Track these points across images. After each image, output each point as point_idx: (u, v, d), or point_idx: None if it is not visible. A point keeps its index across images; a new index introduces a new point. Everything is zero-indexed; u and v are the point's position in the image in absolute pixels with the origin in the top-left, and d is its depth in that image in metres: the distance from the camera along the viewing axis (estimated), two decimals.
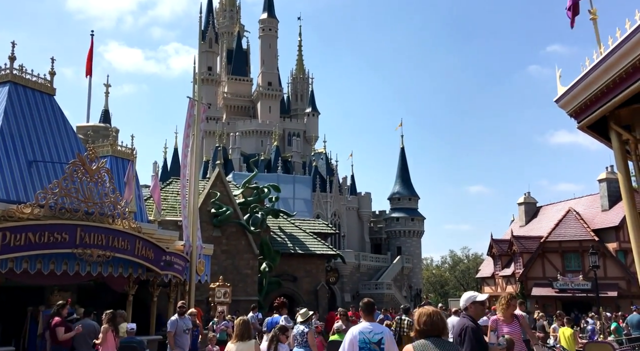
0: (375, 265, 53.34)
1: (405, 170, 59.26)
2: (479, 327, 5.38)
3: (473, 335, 5.12)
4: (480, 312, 5.59)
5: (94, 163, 12.18)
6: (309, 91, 75.42)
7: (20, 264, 10.43)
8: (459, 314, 6.25)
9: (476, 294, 5.59)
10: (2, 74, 13.50)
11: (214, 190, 26.02)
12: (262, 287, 28.14)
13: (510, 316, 7.46)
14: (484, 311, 5.85)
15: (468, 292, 5.71)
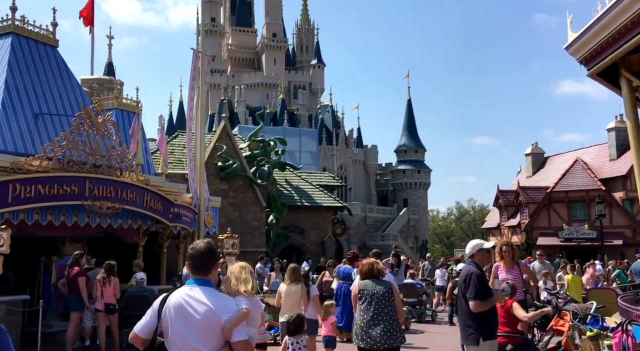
0: (381, 217, 53.84)
1: (412, 123, 58.89)
2: (484, 273, 5.49)
3: (477, 281, 5.22)
4: (486, 259, 5.70)
5: (99, 116, 12.16)
6: (315, 42, 74.12)
7: (32, 216, 10.60)
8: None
9: (482, 242, 5.67)
10: (4, 25, 13.28)
11: (220, 143, 26.05)
12: (269, 239, 28.59)
13: (511, 263, 7.85)
14: (490, 259, 5.99)
15: (474, 240, 5.78)
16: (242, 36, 74.29)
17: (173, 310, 3.20)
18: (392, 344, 5.61)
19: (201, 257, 3.29)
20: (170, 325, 3.19)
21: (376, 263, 6.05)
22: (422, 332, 13.01)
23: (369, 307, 5.70)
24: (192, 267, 3.31)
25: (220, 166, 25.71)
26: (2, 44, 13.05)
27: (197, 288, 3.23)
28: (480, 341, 5.14)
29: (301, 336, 6.23)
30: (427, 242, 58.62)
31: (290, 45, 76.27)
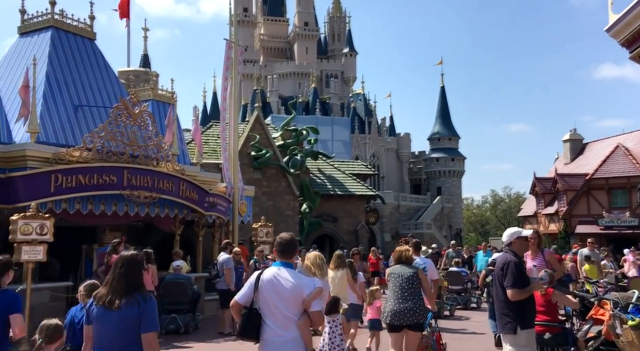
0: (414, 206, 53.48)
1: (445, 110, 58.07)
2: (522, 262, 5.40)
3: (515, 269, 5.13)
4: (524, 247, 5.60)
5: (136, 107, 12.40)
6: (346, 30, 73.64)
7: (73, 205, 10.92)
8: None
9: (520, 230, 5.57)
10: (44, 19, 13.62)
11: (253, 133, 26.24)
12: (302, 227, 28.75)
13: (536, 250, 8.05)
14: (528, 247, 5.96)
15: (511, 228, 5.68)
16: (274, 26, 74.36)
17: (266, 283, 4.11)
18: (414, 321, 6.29)
19: (286, 245, 4.23)
20: (263, 295, 4.10)
21: (406, 250, 6.78)
22: (467, 319, 13.08)
23: (395, 288, 6.43)
24: (279, 253, 4.24)
25: (254, 155, 25.91)
26: (43, 38, 13.40)
27: (283, 269, 4.15)
28: (517, 330, 5.07)
29: (336, 315, 6.74)
30: (462, 231, 57.98)
31: (322, 34, 75.99)
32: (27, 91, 10.86)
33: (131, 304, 3.61)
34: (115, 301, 3.61)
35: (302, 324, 4.06)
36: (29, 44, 13.52)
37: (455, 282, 14.62)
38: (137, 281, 3.77)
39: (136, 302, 3.63)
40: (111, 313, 3.60)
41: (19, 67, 12.79)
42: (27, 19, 13.93)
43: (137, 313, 3.60)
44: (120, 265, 3.77)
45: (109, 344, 3.63)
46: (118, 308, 3.59)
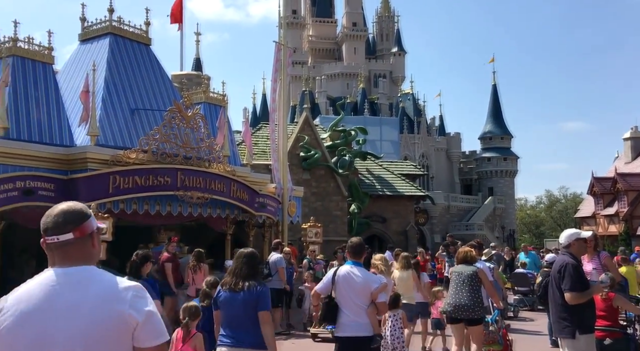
0: (465, 206, 52.48)
1: (498, 108, 56.71)
2: (580, 264, 5.21)
3: (574, 272, 4.95)
4: (583, 250, 5.42)
5: (189, 109, 12.72)
6: (395, 30, 73.07)
7: (130, 205, 11.30)
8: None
9: (579, 231, 5.38)
10: (103, 26, 14.15)
11: (302, 134, 26.40)
12: (351, 228, 28.69)
13: (593, 253, 7.96)
14: (587, 249, 5.79)
15: (570, 229, 5.49)
16: (322, 27, 74.62)
17: (342, 278, 5.08)
18: (469, 316, 6.74)
19: (356, 247, 5.24)
20: (340, 288, 5.06)
21: (470, 251, 7.30)
22: (531, 320, 12.94)
23: (455, 285, 6.91)
24: (351, 254, 5.26)
25: (303, 156, 26.07)
26: (102, 44, 13.93)
27: (354, 267, 5.14)
28: (576, 334, 4.90)
29: (397, 310, 7.35)
30: (515, 232, 56.44)
31: (371, 34, 75.70)
32: (88, 96, 11.33)
33: (251, 288, 4.43)
34: (239, 284, 4.45)
35: (371, 312, 4.97)
36: (89, 51, 14.09)
37: (521, 284, 14.52)
38: (255, 271, 4.62)
39: (254, 287, 4.44)
40: (236, 295, 4.44)
41: (79, 73, 13.35)
42: (87, 26, 14.51)
43: (255, 296, 4.41)
44: (242, 257, 4.62)
45: (235, 322, 4.45)
46: (242, 289, 4.42)
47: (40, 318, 1.86)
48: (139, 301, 1.93)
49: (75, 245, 1.98)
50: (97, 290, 1.91)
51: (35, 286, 1.93)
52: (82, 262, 1.98)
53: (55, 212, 2.00)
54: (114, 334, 1.87)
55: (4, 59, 11.24)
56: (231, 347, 4.43)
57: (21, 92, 11.44)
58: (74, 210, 2.01)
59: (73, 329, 1.84)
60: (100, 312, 1.87)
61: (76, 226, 1.98)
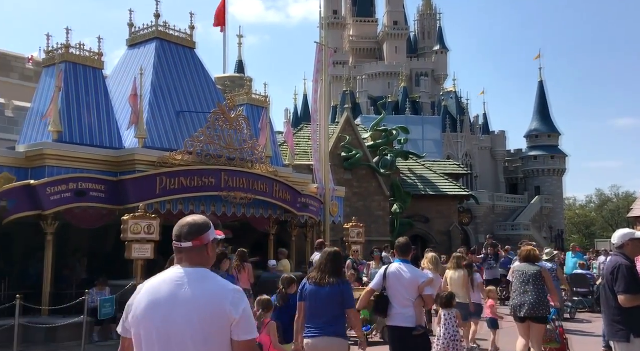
0: (511, 206, 51.33)
1: (544, 106, 55.22)
2: (634, 265, 5.02)
3: (627, 273, 4.77)
4: (638, 250, 5.20)
5: (232, 111, 12.93)
6: (437, 28, 72.16)
7: (176, 206, 11.58)
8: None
9: (633, 231, 5.18)
10: (150, 31, 14.53)
11: (343, 134, 26.39)
12: (394, 228, 28.49)
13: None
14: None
15: (624, 229, 5.28)
16: (363, 26, 74.40)
17: (392, 275, 5.58)
18: (536, 314, 6.89)
19: (404, 247, 5.79)
20: (390, 283, 5.57)
21: (533, 250, 7.43)
22: (588, 322, 12.73)
23: (519, 284, 7.07)
24: (399, 252, 5.80)
25: (344, 156, 26.06)
26: (149, 49, 14.31)
27: (403, 264, 5.66)
28: (631, 338, 4.73)
29: (451, 309, 7.62)
30: (564, 232, 54.82)
31: (412, 32, 75.00)
32: (136, 100, 11.67)
33: (335, 284, 4.85)
34: (325, 280, 4.87)
35: (417, 304, 5.49)
36: (136, 55, 14.51)
37: (580, 285, 14.27)
38: (339, 268, 5.05)
39: (337, 283, 4.86)
40: (322, 289, 4.86)
41: (128, 78, 13.76)
42: (134, 31, 14.93)
43: (338, 291, 4.83)
44: (327, 255, 5.04)
45: (319, 314, 4.86)
46: (327, 284, 4.84)
47: (167, 306, 2.39)
48: (239, 302, 2.42)
49: (194, 251, 2.49)
50: (209, 288, 2.42)
51: (164, 280, 2.47)
52: (199, 264, 2.49)
53: (183, 223, 2.55)
54: (218, 324, 2.38)
55: (57, 65, 11.69)
56: (316, 337, 4.88)
57: (73, 96, 11.87)
58: (196, 224, 2.55)
59: (189, 316, 2.36)
60: (210, 306, 2.37)
61: (195, 237, 2.50)
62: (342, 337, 4.90)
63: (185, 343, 2.36)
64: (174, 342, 2.36)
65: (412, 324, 5.41)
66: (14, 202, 9.87)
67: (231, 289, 2.46)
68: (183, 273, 2.45)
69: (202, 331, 2.36)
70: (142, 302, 2.45)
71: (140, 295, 2.49)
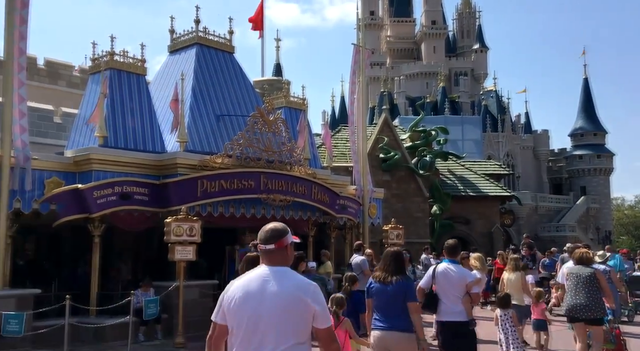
0: (555, 207, 50.01)
1: (590, 103, 53.62)
2: None
3: None
4: None
5: (271, 114, 13.06)
6: (476, 26, 71.06)
7: (217, 208, 11.77)
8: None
9: None
10: (190, 37, 14.84)
11: (381, 135, 26.27)
12: (433, 230, 28.17)
13: None
14: None
15: None
16: (400, 26, 73.91)
17: (440, 274, 6.03)
18: (591, 316, 7.01)
19: (452, 248, 6.24)
20: (439, 282, 6.02)
21: (587, 252, 7.58)
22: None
23: (573, 286, 7.20)
24: (447, 253, 6.24)
25: (382, 158, 25.93)
26: (189, 54, 14.61)
27: (451, 264, 6.11)
28: None
29: (508, 309, 7.86)
30: (612, 233, 53.03)
31: (450, 31, 74.08)
32: (177, 104, 11.93)
33: (398, 282, 5.30)
34: (389, 278, 5.34)
35: (465, 301, 5.95)
36: (177, 61, 14.83)
37: (638, 287, 14.05)
38: (401, 267, 5.46)
39: (401, 281, 5.32)
40: (386, 287, 5.32)
41: (169, 83, 14.07)
42: (175, 37, 15.27)
43: (402, 288, 5.28)
44: (390, 256, 5.50)
45: (385, 309, 5.33)
46: (390, 283, 5.30)
47: (256, 299, 2.85)
48: (318, 295, 2.90)
49: (276, 252, 2.96)
50: (291, 283, 2.88)
51: (253, 277, 2.94)
52: (280, 263, 2.96)
53: (266, 229, 3.03)
54: (300, 314, 2.84)
55: (102, 72, 12.07)
56: (383, 330, 5.31)
57: (117, 102, 12.23)
58: (276, 229, 3.02)
59: (275, 307, 2.81)
60: (292, 298, 2.83)
61: (276, 241, 2.97)
62: (407, 331, 5.29)
63: (272, 330, 2.80)
64: (263, 329, 2.81)
65: (463, 318, 5.89)
66: (62, 205, 10.22)
67: (310, 284, 2.92)
68: (268, 271, 2.91)
69: (286, 319, 2.81)
70: (235, 295, 2.91)
71: (233, 289, 2.95)
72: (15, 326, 9.01)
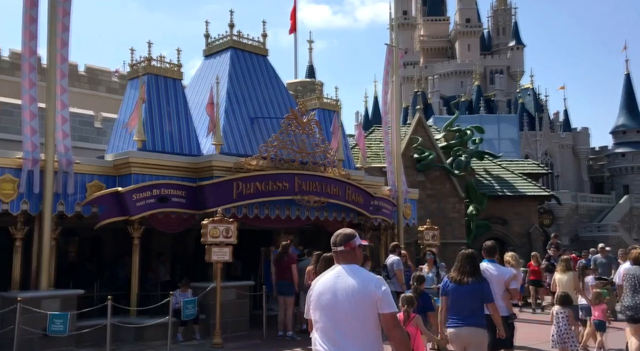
0: (596, 206, 48.68)
1: (632, 99, 52.01)
2: None
3: None
4: None
5: (304, 116, 13.12)
6: (512, 23, 69.81)
7: (252, 210, 11.89)
8: None
9: None
10: (224, 41, 15.04)
11: (415, 135, 26.03)
12: (470, 230, 27.77)
13: None
14: None
15: None
16: (434, 26, 73.21)
17: (487, 270, 6.52)
18: None
19: (490, 249, 6.86)
20: None
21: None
22: None
23: (630, 286, 7.33)
24: (486, 253, 6.81)
25: (417, 158, 25.69)
26: (224, 58, 14.81)
27: (489, 263, 6.69)
28: None
29: (565, 308, 8.09)
30: None
31: (485, 29, 72.97)
32: (212, 108, 12.11)
33: (473, 282, 5.75)
34: (464, 279, 5.76)
35: (505, 297, 6.55)
36: (212, 65, 15.05)
37: None
38: (476, 268, 5.89)
39: (476, 281, 5.75)
40: (462, 287, 5.76)
41: (204, 86, 14.30)
42: (210, 42, 15.50)
43: (478, 287, 5.74)
44: (465, 258, 5.91)
45: (461, 307, 5.74)
46: (466, 283, 5.73)
47: (332, 291, 3.42)
48: (380, 285, 3.40)
49: (347, 253, 3.52)
50: (360, 278, 3.41)
51: (329, 275, 3.51)
52: (350, 262, 3.51)
53: (338, 233, 3.59)
54: (367, 303, 3.35)
55: (140, 77, 12.35)
56: (459, 327, 5.74)
57: (155, 106, 12.48)
58: (346, 234, 3.58)
59: (347, 299, 3.36)
60: (361, 289, 3.36)
61: (345, 243, 3.52)
62: (482, 327, 5.73)
63: (346, 318, 3.35)
64: (339, 318, 3.35)
65: (504, 312, 6.36)
66: (103, 208, 10.50)
67: (374, 276, 3.49)
68: (341, 269, 3.48)
69: (357, 309, 3.33)
70: (316, 292, 3.49)
71: (315, 286, 3.53)
72: (60, 325, 9.30)
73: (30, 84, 10.20)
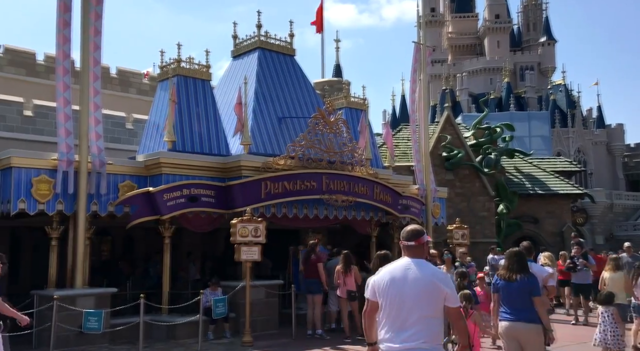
0: (632, 204, 47.34)
1: None
2: None
3: None
4: None
5: (332, 115, 13.12)
6: (543, 18, 68.44)
7: (280, 209, 11.95)
8: None
9: None
10: (252, 41, 15.15)
11: (443, 133, 25.81)
12: (500, 229, 27.38)
13: None
14: None
15: None
16: (462, 22, 72.34)
17: (533, 266, 6.84)
18: None
19: (527, 249, 7.14)
20: None
21: None
22: None
23: None
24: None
25: (445, 156, 25.46)
26: (251, 58, 14.92)
27: (528, 262, 6.54)
28: None
29: (609, 307, 8.22)
30: None
31: (515, 25, 71.77)
32: (241, 108, 12.20)
33: (522, 279, 5.96)
34: (513, 277, 5.99)
35: (543, 294, 6.49)
36: (240, 66, 15.17)
37: None
38: (524, 265, 6.09)
39: (525, 277, 5.97)
40: (511, 284, 5.98)
41: (233, 87, 14.43)
42: (238, 43, 15.63)
43: (527, 284, 5.93)
44: (513, 256, 6.15)
45: (511, 303, 5.95)
46: (515, 280, 5.96)
47: (400, 283, 3.74)
48: (448, 281, 3.80)
49: (415, 248, 3.86)
50: (427, 271, 3.76)
51: (398, 266, 3.83)
52: (418, 256, 3.84)
53: (408, 229, 3.94)
54: (434, 294, 3.70)
55: (170, 79, 12.53)
56: (511, 321, 5.95)
57: (184, 107, 12.66)
58: (416, 230, 3.93)
59: (416, 290, 3.69)
60: (429, 282, 3.71)
61: (416, 239, 3.86)
62: (534, 322, 5.86)
63: (414, 305, 3.67)
64: (406, 306, 3.68)
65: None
66: (135, 207, 10.70)
67: (442, 273, 3.89)
68: (410, 262, 3.80)
69: (424, 298, 3.67)
70: (384, 279, 3.80)
71: (382, 274, 3.85)
72: (94, 323, 9.52)
73: (64, 87, 10.46)
